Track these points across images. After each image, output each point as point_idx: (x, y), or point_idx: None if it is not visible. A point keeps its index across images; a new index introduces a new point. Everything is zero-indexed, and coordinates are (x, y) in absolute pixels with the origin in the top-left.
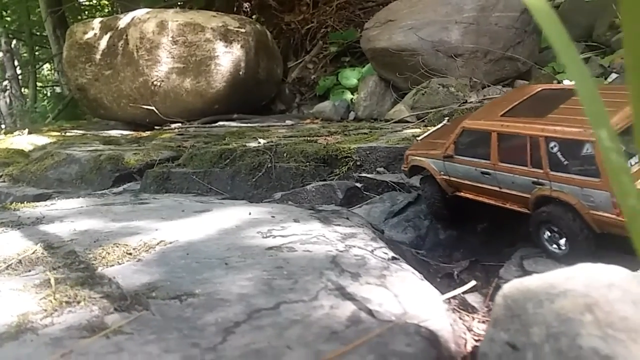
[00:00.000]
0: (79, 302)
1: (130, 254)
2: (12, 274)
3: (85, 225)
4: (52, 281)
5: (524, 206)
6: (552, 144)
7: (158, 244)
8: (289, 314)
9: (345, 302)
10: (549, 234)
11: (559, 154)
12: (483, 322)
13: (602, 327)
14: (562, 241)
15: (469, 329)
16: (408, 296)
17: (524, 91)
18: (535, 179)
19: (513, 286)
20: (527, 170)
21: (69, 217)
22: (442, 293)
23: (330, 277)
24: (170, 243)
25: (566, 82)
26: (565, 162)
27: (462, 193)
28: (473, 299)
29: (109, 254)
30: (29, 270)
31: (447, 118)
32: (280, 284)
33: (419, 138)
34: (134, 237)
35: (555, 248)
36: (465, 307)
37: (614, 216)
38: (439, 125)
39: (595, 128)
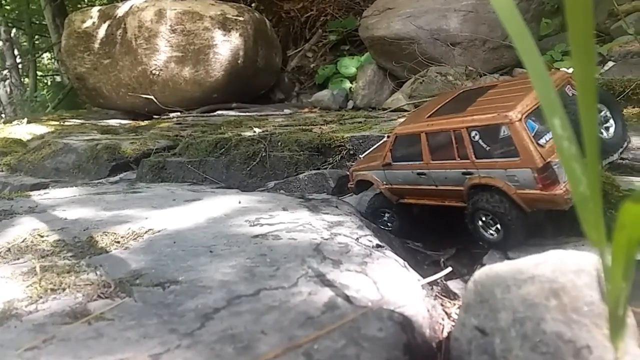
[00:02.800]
0: (63, 290)
1: (119, 242)
2: (1, 262)
3: (76, 214)
4: (38, 269)
5: (460, 200)
6: (473, 133)
7: (146, 232)
8: (268, 300)
9: (324, 288)
10: (483, 219)
11: (480, 141)
12: None
13: (567, 312)
14: (496, 227)
15: (449, 315)
16: (387, 282)
17: (447, 95)
18: (465, 170)
19: (483, 272)
20: (456, 163)
21: (62, 205)
22: (424, 276)
23: (311, 265)
24: (159, 231)
25: (563, 70)
26: (488, 148)
27: (405, 199)
28: (455, 286)
29: (97, 242)
30: (18, 259)
31: (387, 134)
32: (262, 271)
33: (361, 155)
34: (123, 226)
35: (490, 234)
36: (447, 293)
37: (538, 191)
38: (380, 142)
39: (548, 116)
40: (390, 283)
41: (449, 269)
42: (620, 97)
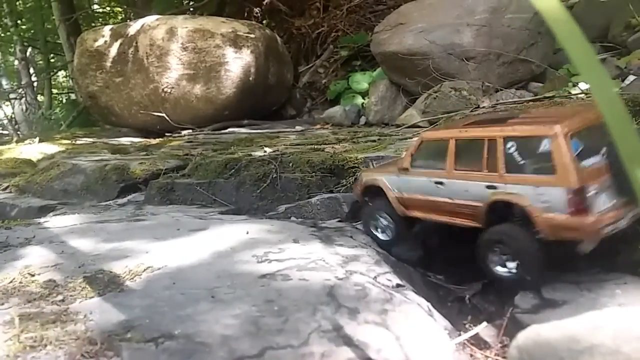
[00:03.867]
0: (45, 346)
1: (114, 282)
2: None
3: (74, 247)
4: (17, 322)
5: (474, 219)
6: (509, 144)
7: (145, 270)
8: None
9: (340, 347)
10: (498, 255)
11: (515, 153)
12: None
13: None
14: (512, 264)
15: None
16: (411, 337)
17: (487, 114)
18: (489, 183)
19: (529, 337)
20: (481, 174)
21: (60, 236)
22: (452, 321)
23: (325, 314)
24: (158, 269)
25: (582, 86)
26: (522, 162)
27: (412, 212)
28: (486, 332)
29: (90, 283)
30: (2, 304)
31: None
32: (268, 323)
33: (375, 164)
34: (121, 262)
35: (503, 271)
36: (476, 341)
37: (567, 216)
38: (397, 159)
39: (629, 164)
40: (415, 338)
41: (485, 324)
42: None
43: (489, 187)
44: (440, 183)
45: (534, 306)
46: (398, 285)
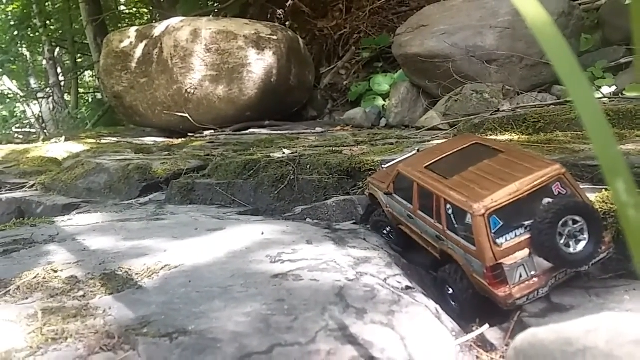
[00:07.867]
0: (66, 339)
1: (132, 279)
2: (9, 301)
3: (95, 244)
4: (40, 315)
5: (437, 254)
6: (448, 206)
7: (162, 268)
8: None
9: (345, 346)
10: (450, 292)
11: (452, 216)
12: None
13: None
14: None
15: None
16: (416, 338)
17: (457, 143)
18: (438, 234)
19: (525, 339)
20: (432, 223)
21: (83, 234)
22: (460, 324)
23: (333, 314)
24: (175, 267)
25: (605, 90)
26: (456, 225)
27: (402, 227)
28: (492, 335)
29: (109, 280)
30: (26, 298)
31: (417, 148)
32: (278, 321)
33: (384, 166)
34: (140, 260)
35: (455, 305)
36: (483, 343)
37: (486, 283)
38: (408, 155)
39: (609, 177)
40: (420, 339)
41: (487, 326)
42: None
43: (437, 237)
44: (411, 217)
45: (541, 310)
46: (407, 288)
